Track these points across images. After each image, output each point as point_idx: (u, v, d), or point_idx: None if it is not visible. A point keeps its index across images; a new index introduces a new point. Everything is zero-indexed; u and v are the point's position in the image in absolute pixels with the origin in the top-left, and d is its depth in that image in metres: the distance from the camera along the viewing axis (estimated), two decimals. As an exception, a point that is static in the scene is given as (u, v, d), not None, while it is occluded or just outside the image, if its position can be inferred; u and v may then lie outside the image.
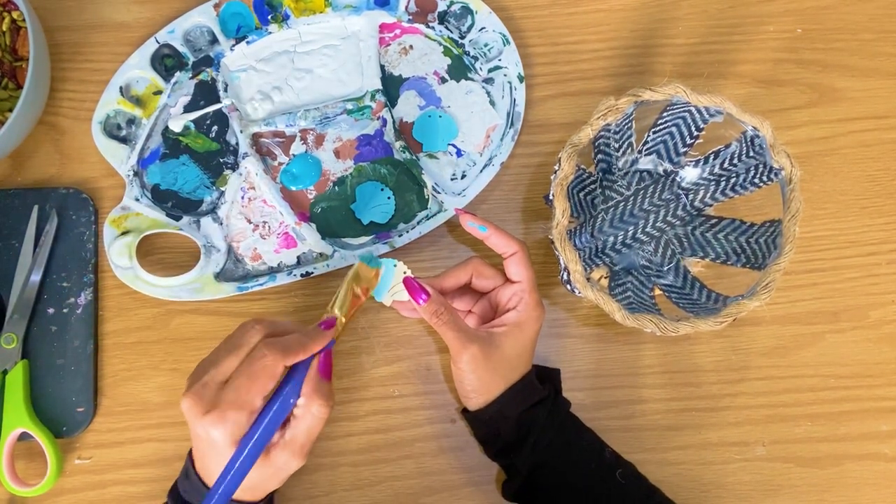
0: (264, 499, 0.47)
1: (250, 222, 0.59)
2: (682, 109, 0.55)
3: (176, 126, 0.59)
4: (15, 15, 0.59)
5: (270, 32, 0.61)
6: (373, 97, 0.60)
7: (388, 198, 0.60)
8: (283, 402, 0.44)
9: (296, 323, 0.48)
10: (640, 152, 0.59)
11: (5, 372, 0.55)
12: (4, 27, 0.58)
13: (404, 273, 0.52)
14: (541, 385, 0.53)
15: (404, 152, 0.60)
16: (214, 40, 0.61)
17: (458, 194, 0.59)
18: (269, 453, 0.44)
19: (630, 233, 0.58)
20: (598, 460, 0.52)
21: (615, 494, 0.50)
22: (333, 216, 0.59)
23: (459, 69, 0.62)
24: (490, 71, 0.61)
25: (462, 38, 0.62)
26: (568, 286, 0.53)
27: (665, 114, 0.56)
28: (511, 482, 0.53)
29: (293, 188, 0.60)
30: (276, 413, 0.44)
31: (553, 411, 0.52)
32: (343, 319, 0.48)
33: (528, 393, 0.52)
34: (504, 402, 0.51)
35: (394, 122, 0.60)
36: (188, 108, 0.60)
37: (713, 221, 0.58)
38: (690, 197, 0.58)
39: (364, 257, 0.51)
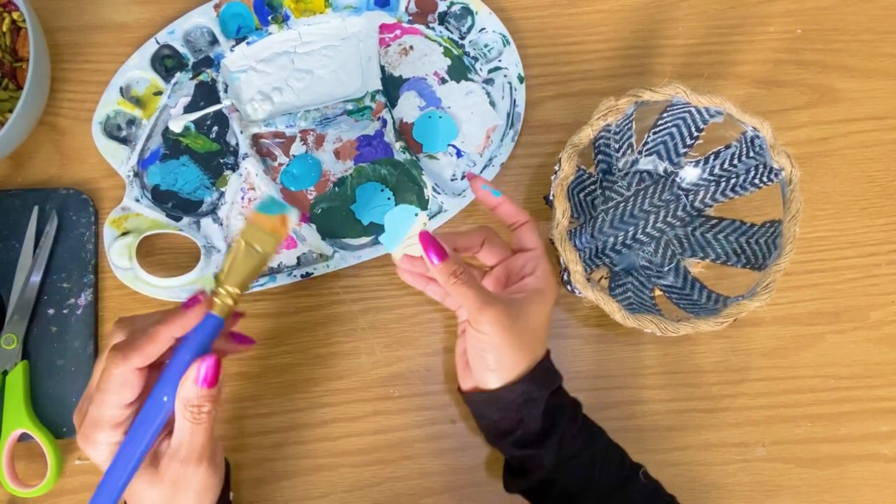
0: None
1: (250, 223, 0.59)
2: (682, 110, 0.55)
3: (176, 127, 0.59)
4: (15, 16, 0.59)
5: (270, 33, 0.61)
6: (373, 98, 0.60)
7: (389, 198, 0.60)
8: (152, 402, 0.40)
9: (165, 312, 0.42)
10: (640, 153, 0.59)
11: (5, 373, 0.55)
12: (4, 28, 0.58)
13: (424, 225, 0.45)
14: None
15: (404, 153, 0.60)
16: (214, 41, 0.61)
17: (458, 195, 0.59)
18: (157, 466, 0.40)
19: (630, 233, 0.58)
20: (621, 459, 0.49)
21: (640, 497, 0.48)
22: (334, 217, 0.59)
23: (459, 70, 0.62)
24: (490, 72, 0.61)
25: (462, 38, 0.62)
26: (568, 286, 0.53)
27: (665, 114, 0.56)
28: (524, 478, 0.49)
29: (293, 189, 0.60)
30: (143, 415, 0.39)
31: (575, 401, 0.49)
32: (234, 290, 0.41)
33: (552, 375, 0.48)
34: (532, 381, 0.46)
35: (394, 122, 0.60)
36: (188, 109, 0.60)
37: (713, 222, 0.58)
38: (690, 197, 0.59)
39: (262, 204, 0.43)
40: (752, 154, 0.54)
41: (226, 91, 0.60)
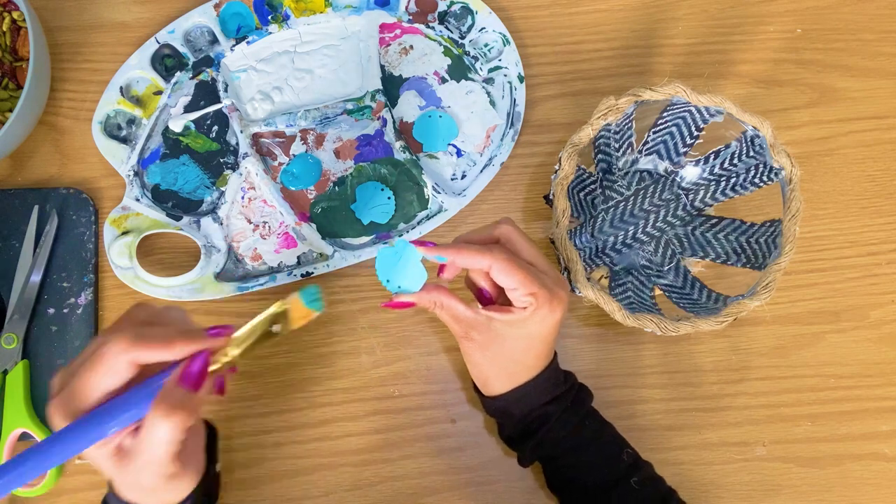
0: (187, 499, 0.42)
1: (250, 222, 0.59)
2: (682, 109, 0.55)
3: (176, 126, 0.59)
4: (15, 15, 0.59)
5: (271, 32, 0.61)
6: (373, 97, 0.60)
7: (389, 198, 0.60)
8: (129, 397, 0.37)
9: (187, 330, 0.40)
10: (640, 152, 0.59)
11: (6, 372, 0.55)
12: (5, 27, 0.58)
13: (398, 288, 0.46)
14: (563, 377, 0.50)
15: (404, 152, 0.60)
16: (215, 40, 0.61)
17: (459, 194, 0.59)
18: (121, 458, 0.38)
19: (630, 233, 0.58)
20: (612, 465, 0.49)
21: (628, 501, 0.48)
22: (334, 216, 0.59)
23: (459, 69, 0.62)
24: (490, 71, 0.61)
25: (462, 38, 0.62)
26: (568, 286, 0.53)
27: (665, 114, 0.56)
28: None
29: (293, 188, 0.60)
30: (113, 403, 0.37)
31: (571, 409, 0.49)
32: (235, 352, 0.40)
33: (542, 391, 0.48)
34: (509, 401, 0.49)
35: (394, 122, 0.60)
36: (188, 109, 0.60)
37: (713, 221, 0.58)
38: (690, 197, 0.59)
39: (307, 292, 0.41)
40: (752, 153, 0.54)
41: (226, 90, 0.60)
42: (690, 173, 0.58)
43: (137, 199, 0.58)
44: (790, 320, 0.60)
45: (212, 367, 0.39)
